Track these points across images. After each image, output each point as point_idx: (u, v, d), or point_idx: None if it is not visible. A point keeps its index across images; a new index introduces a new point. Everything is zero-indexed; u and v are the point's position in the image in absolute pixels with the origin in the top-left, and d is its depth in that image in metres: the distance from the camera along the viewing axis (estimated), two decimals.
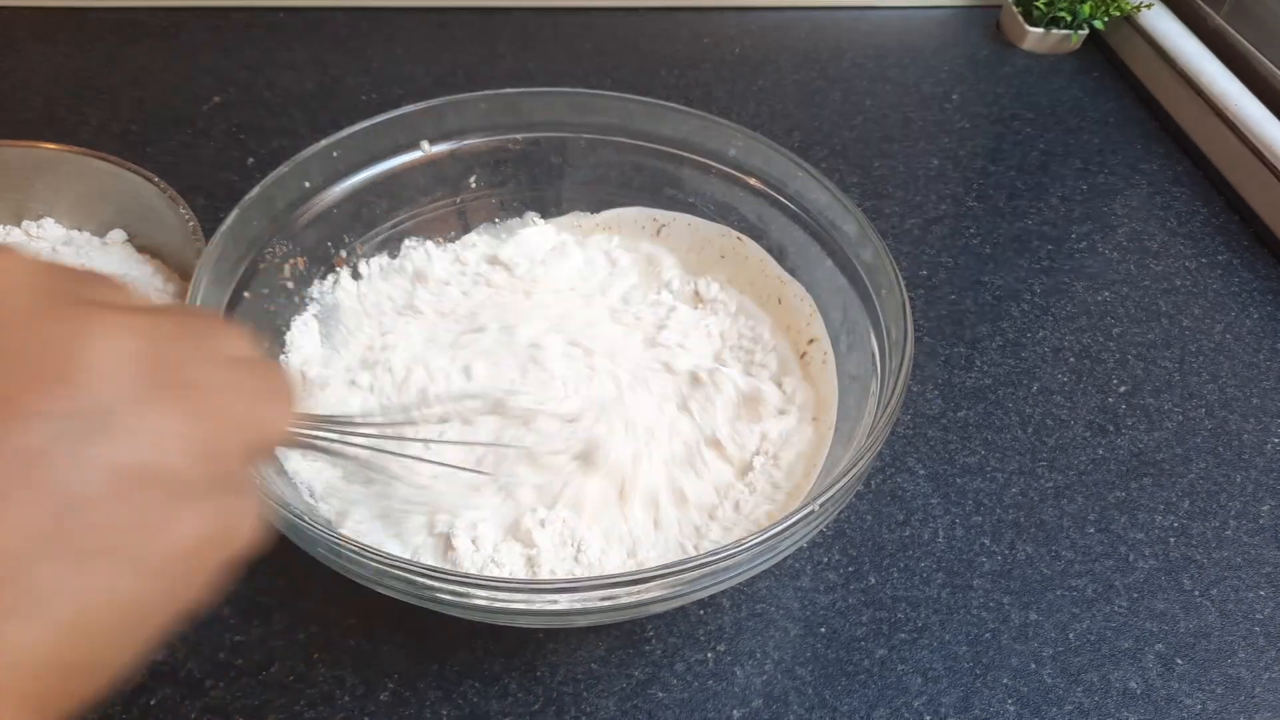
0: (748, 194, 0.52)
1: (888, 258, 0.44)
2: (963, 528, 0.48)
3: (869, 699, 0.42)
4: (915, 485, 0.50)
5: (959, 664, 0.43)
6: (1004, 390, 0.55)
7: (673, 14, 0.83)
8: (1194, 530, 0.49)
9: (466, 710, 0.40)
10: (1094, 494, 0.50)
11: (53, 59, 0.74)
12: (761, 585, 0.45)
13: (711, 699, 0.41)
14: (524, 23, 0.80)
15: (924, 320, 0.59)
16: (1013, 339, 0.58)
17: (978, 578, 0.46)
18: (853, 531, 0.48)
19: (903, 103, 0.76)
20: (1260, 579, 0.47)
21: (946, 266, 0.62)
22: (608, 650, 0.43)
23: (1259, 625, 0.46)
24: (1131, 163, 0.72)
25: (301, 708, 0.40)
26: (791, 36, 0.82)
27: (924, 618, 0.45)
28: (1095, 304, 0.61)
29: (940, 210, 0.67)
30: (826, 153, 0.70)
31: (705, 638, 0.43)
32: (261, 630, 0.42)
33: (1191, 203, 0.69)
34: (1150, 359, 0.58)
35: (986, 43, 0.83)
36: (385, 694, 0.41)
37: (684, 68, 0.77)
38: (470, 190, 0.54)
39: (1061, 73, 0.81)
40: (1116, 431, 0.54)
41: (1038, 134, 0.74)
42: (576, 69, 0.76)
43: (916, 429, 0.53)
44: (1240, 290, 0.63)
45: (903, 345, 0.41)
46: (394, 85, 0.73)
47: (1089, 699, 0.42)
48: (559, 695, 0.41)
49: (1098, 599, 0.46)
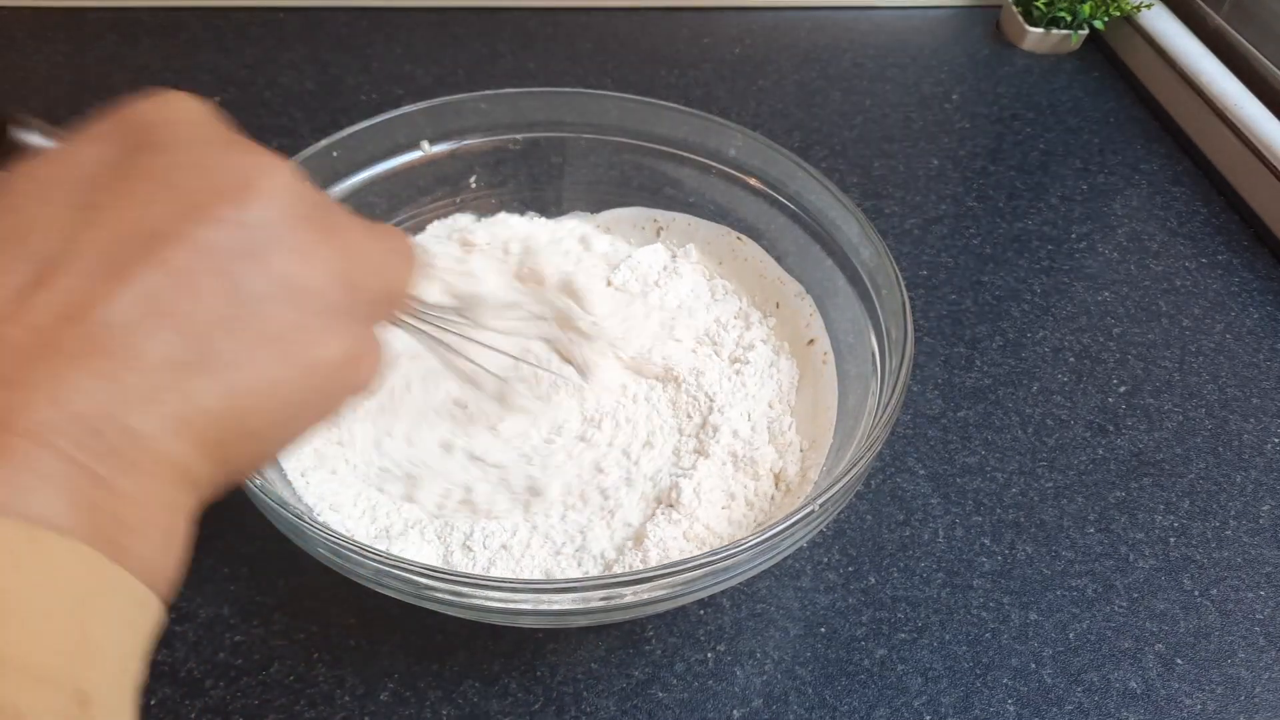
0: (748, 194, 0.52)
1: (888, 257, 0.44)
2: (963, 528, 0.48)
3: (869, 699, 0.42)
4: (915, 485, 0.50)
5: (959, 664, 0.43)
6: (1004, 390, 0.55)
7: (673, 14, 0.83)
8: (1194, 530, 0.49)
9: (466, 710, 0.40)
10: (1094, 494, 0.50)
11: (52, 59, 0.74)
12: (761, 585, 0.45)
13: (711, 699, 0.41)
14: (524, 22, 0.80)
15: (924, 320, 0.59)
16: (1013, 339, 0.58)
17: (978, 578, 0.46)
18: (853, 531, 0.48)
19: (903, 102, 0.76)
20: (1260, 579, 0.47)
21: (946, 266, 0.62)
22: (608, 650, 0.43)
23: (1259, 625, 0.46)
24: (1131, 163, 0.72)
25: (302, 708, 0.40)
26: (792, 36, 0.82)
27: (924, 618, 0.45)
28: (1095, 304, 0.61)
29: (940, 210, 0.67)
30: (826, 153, 0.70)
31: (705, 638, 0.43)
32: (261, 630, 0.42)
33: (1191, 203, 0.69)
34: (1150, 359, 0.58)
35: (986, 43, 0.83)
36: (385, 694, 0.41)
37: (684, 67, 0.77)
38: (470, 190, 0.54)
39: (1061, 73, 0.81)
40: (1116, 431, 0.54)
41: (1038, 134, 0.74)
42: (577, 69, 0.76)
43: (916, 429, 0.53)
44: (1240, 290, 0.63)
45: (903, 345, 0.41)
46: (394, 85, 0.73)
47: (1089, 699, 0.42)
48: (559, 695, 0.41)
49: (1098, 599, 0.46)
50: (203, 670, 0.41)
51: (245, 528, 0.43)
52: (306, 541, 0.35)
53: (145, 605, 0.19)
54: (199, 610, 0.43)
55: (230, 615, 0.43)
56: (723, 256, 0.54)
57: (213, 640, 0.42)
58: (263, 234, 0.21)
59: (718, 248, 0.54)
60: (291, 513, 0.34)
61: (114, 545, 0.18)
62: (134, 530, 0.18)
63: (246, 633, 0.42)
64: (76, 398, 0.18)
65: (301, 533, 0.35)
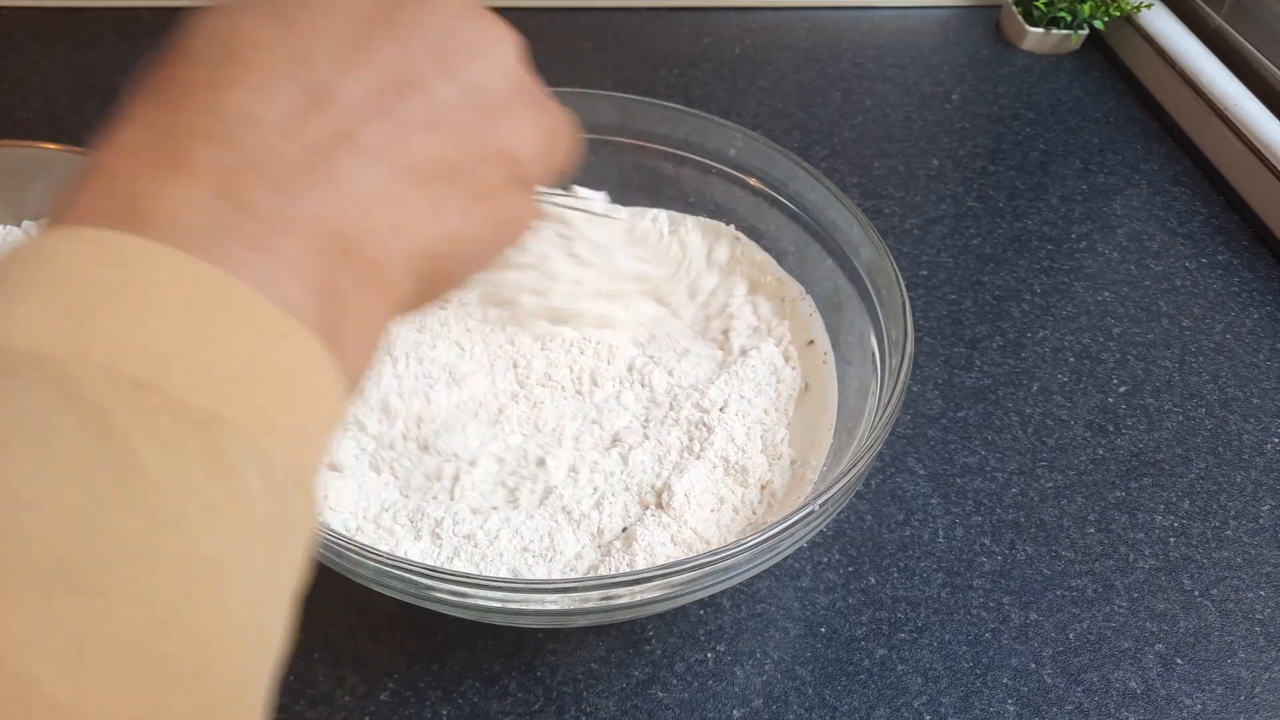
0: (748, 194, 0.52)
1: (888, 257, 0.44)
2: (963, 528, 0.48)
3: (869, 699, 0.42)
4: (915, 485, 0.50)
5: (959, 664, 0.43)
6: (1004, 390, 0.55)
7: (673, 13, 0.83)
8: (1194, 530, 0.49)
9: (466, 710, 0.40)
10: (1094, 494, 0.50)
11: (52, 58, 0.74)
12: (761, 585, 0.45)
13: (711, 699, 0.41)
14: (524, 22, 0.79)
15: (924, 320, 0.59)
16: (1013, 339, 0.58)
17: (978, 578, 0.46)
18: (853, 531, 0.48)
19: (903, 102, 0.76)
20: (1260, 579, 0.47)
21: (946, 266, 0.62)
22: (608, 650, 0.43)
23: (1259, 625, 0.46)
24: (1131, 163, 0.72)
25: (302, 707, 0.40)
26: (792, 36, 0.82)
27: (924, 618, 0.45)
28: (1095, 304, 0.61)
29: (940, 210, 0.67)
30: (826, 153, 0.70)
31: (705, 637, 0.43)
32: None
33: (1191, 203, 0.69)
34: (1150, 359, 0.58)
35: (987, 43, 0.83)
36: (385, 694, 0.41)
37: (684, 67, 0.77)
38: None
39: (1062, 73, 0.81)
40: (1116, 431, 0.54)
41: (1038, 134, 0.74)
42: (577, 68, 0.76)
43: (916, 429, 0.53)
44: (1240, 290, 0.63)
45: (902, 345, 0.41)
46: None
47: (1089, 699, 0.42)
48: (559, 695, 0.41)
49: (1098, 599, 0.46)
50: None
51: None
52: None
53: (347, 400, 0.21)
54: None
55: None
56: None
57: None
58: (489, 99, 0.23)
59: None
60: None
61: (341, 350, 0.20)
62: (350, 343, 0.20)
63: None
64: (334, 218, 0.20)
65: None
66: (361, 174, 0.20)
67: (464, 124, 0.22)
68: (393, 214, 0.21)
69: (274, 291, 0.18)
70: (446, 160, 0.22)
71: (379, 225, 0.21)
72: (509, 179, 0.24)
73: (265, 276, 0.18)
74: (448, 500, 0.43)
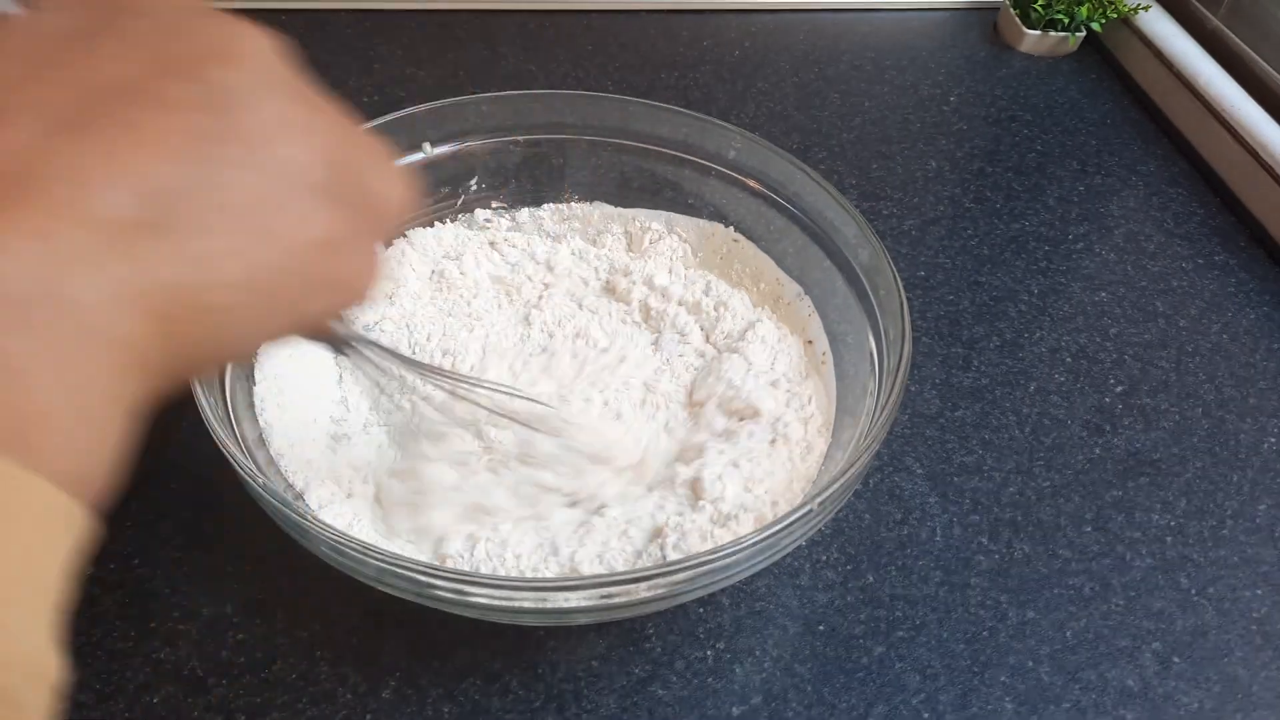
0: (747, 195, 0.52)
1: (886, 258, 0.44)
2: (960, 526, 0.49)
3: (867, 696, 0.42)
4: (913, 484, 0.50)
5: (957, 662, 0.43)
6: (1001, 390, 0.56)
7: (673, 16, 0.84)
8: (1191, 529, 0.49)
9: (468, 707, 0.41)
10: (1091, 493, 0.51)
11: None
12: (761, 583, 0.46)
13: (711, 696, 0.42)
14: (525, 24, 0.80)
15: (921, 320, 0.59)
16: (1010, 339, 0.59)
17: (975, 576, 0.47)
18: (851, 530, 0.48)
19: (901, 104, 0.76)
20: (1257, 578, 0.48)
21: (944, 267, 0.63)
22: (608, 648, 0.43)
23: (1255, 624, 0.46)
24: (1129, 164, 0.73)
25: (304, 705, 0.40)
26: (791, 38, 0.83)
27: (922, 616, 0.45)
28: (1092, 304, 0.61)
29: (938, 211, 0.67)
30: (825, 154, 0.71)
31: (705, 635, 0.44)
32: (264, 628, 0.42)
33: (1188, 204, 0.69)
34: (1147, 359, 0.58)
35: (984, 45, 0.84)
36: (387, 691, 0.41)
37: (684, 69, 0.78)
38: (472, 191, 0.54)
39: (1059, 74, 0.81)
40: (1113, 431, 0.54)
41: (1035, 135, 0.74)
42: (578, 71, 0.76)
43: (914, 428, 0.53)
44: (1237, 290, 0.63)
45: (900, 345, 0.41)
46: (396, 87, 0.73)
47: (1086, 697, 0.43)
48: (560, 692, 0.41)
49: (1095, 597, 0.46)
50: (205, 668, 0.41)
51: (248, 526, 0.44)
52: (309, 540, 0.36)
53: (66, 516, 0.16)
54: (202, 608, 0.43)
55: (233, 613, 0.43)
56: (721, 257, 0.54)
57: (215, 638, 0.42)
58: (239, 98, 0.19)
59: (717, 249, 0.54)
60: (295, 512, 0.34)
61: (23, 443, 0.15)
62: (53, 426, 0.16)
63: (249, 631, 0.42)
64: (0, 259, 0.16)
65: (305, 531, 0.35)
66: (44, 200, 0.16)
67: (201, 128, 0.19)
68: (90, 240, 0.17)
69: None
70: (177, 170, 0.18)
71: (68, 258, 0.16)
72: (296, 189, 0.20)
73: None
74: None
